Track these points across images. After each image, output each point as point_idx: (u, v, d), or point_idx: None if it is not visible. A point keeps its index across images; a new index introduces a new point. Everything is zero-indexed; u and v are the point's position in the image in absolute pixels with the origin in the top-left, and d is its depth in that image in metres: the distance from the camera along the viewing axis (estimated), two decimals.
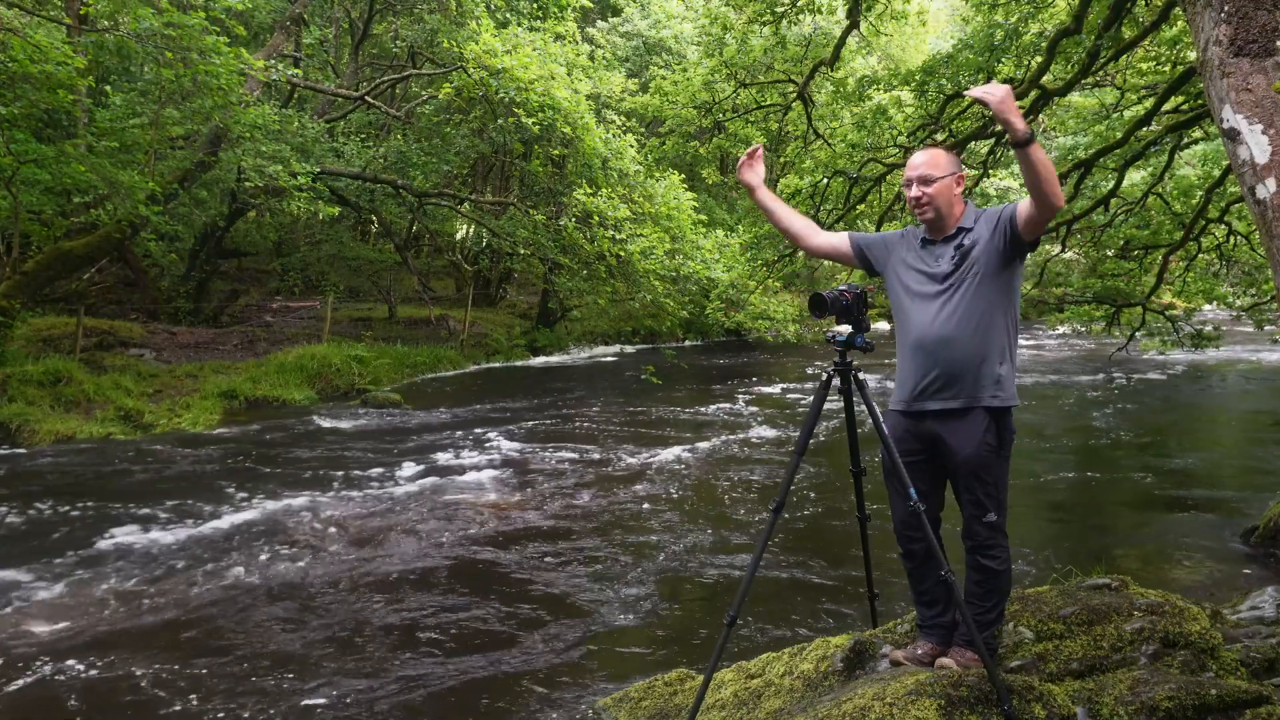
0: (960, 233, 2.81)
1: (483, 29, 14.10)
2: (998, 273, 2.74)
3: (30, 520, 6.73)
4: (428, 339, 18.50)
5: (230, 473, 8.40)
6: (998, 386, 2.74)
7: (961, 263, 2.77)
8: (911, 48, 27.31)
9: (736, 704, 3.03)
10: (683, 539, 6.58)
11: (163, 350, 14.59)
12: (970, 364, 2.73)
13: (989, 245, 2.74)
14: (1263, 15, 2.76)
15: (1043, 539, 6.71)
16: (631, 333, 23.48)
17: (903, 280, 2.91)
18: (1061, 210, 2.57)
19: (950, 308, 2.76)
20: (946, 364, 2.75)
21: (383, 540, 6.46)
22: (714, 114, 13.14)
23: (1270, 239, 2.76)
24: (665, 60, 23.02)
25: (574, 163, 14.98)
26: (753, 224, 12.56)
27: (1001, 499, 2.78)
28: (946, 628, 2.92)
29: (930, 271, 2.83)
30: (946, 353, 2.75)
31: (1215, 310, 17.71)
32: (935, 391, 2.78)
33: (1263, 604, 4.31)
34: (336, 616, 5.03)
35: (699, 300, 16.91)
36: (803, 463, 2.85)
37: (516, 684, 4.23)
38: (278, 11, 16.69)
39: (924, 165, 2.81)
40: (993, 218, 2.78)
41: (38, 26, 10.21)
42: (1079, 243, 13.51)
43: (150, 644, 4.65)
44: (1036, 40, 8.78)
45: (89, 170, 10.10)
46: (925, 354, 2.80)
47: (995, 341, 2.74)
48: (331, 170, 14.75)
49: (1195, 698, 2.54)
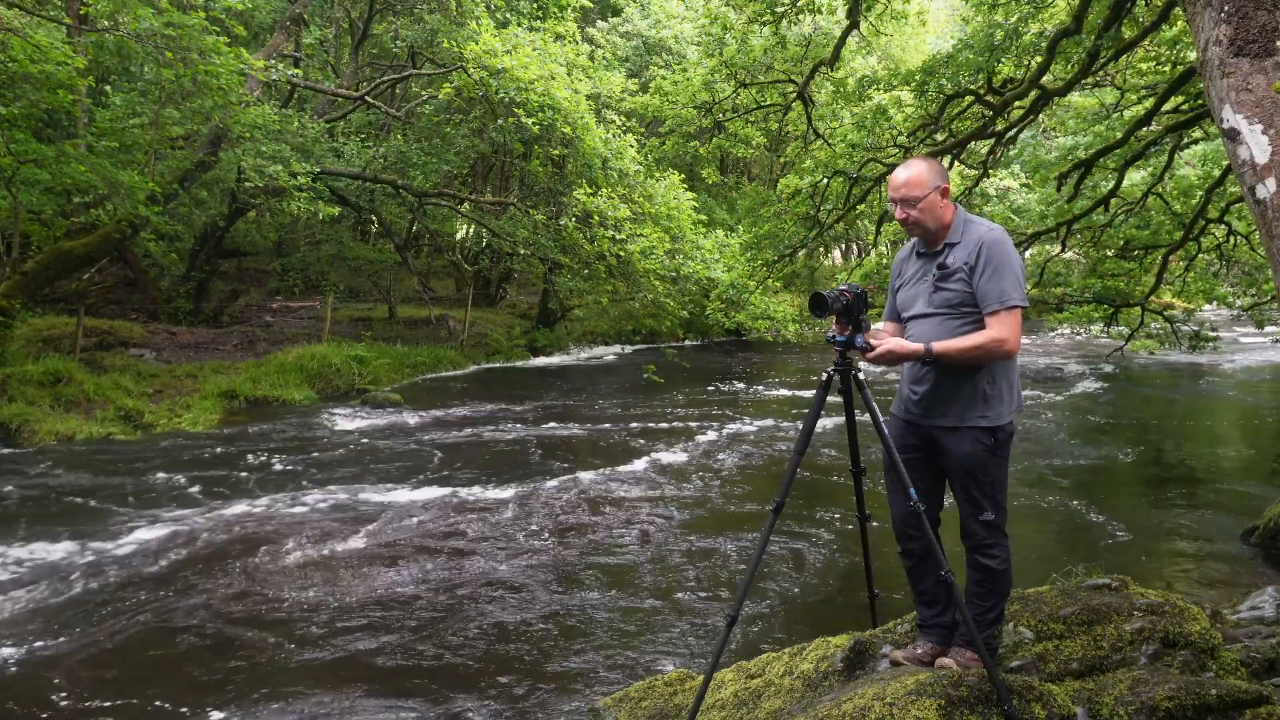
0: (946, 249, 2.81)
1: (483, 29, 14.11)
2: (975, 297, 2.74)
3: (30, 520, 6.73)
4: (428, 339, 18.49)
5: (230, 473, 8.40)
6: (986, 406, 2.74)
7: (944, 280, 2.78)
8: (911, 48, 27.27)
9: (736, 704, 3.03)
10: (683, 539, 6.58)
11: (163, 350, 14.58)
12: (959, 384, 2.75)
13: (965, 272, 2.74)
14: (1263, 15, 2.76)
15: (1043, 539, 6.71)
16: (632, 332, 23.46)
17: (903, 292, 2.96)
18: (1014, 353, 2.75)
19: (934, 323, 2.79)
20: (937, 380, 2.79)
21: (382, 540, 6.46)
22: (714, 114, 13.15)
23: (1270, 239, 2.76)
24: (665, 60, 23.01)
25: (574, 163, 14.98)
26: (753, 224, 12.56)
27: (998, 498, 2.78)
28: (946, 628, 2.92)
29: (920, 285, 2.86)
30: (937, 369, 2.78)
31: (1215, 310, 17.71)
32: (927, 407, 2.82)
33: (1263, 604, 4.31)
34: (336, 616, 5.03)
35: (699, 300, 16.92)
36: (803, 463, 2.85)
37: (516, 684, 4.23)
38: (278, 11, 16.70)
39: (905, 186, 2.79)
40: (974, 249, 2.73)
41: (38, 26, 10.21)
42: (1079, 243, 13.50)
43: (150, 643, 4.65)
44: (1036, 40, 8.78)
45: (89, 170, 10.10)
46: (914, 366, 2.85)
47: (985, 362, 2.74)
48: (331, 170, 14.75)
49: (1195, 698, 2.54)
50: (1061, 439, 10.90)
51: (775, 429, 11.27)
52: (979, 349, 2.65)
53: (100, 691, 4.12)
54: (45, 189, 10.92)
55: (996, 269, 2.68)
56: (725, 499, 7.81)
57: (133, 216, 11.11)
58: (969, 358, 2.67)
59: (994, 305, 2.67)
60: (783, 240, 11.46)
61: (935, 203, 2.79)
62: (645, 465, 9.08)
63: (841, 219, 10.85)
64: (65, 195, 11.16)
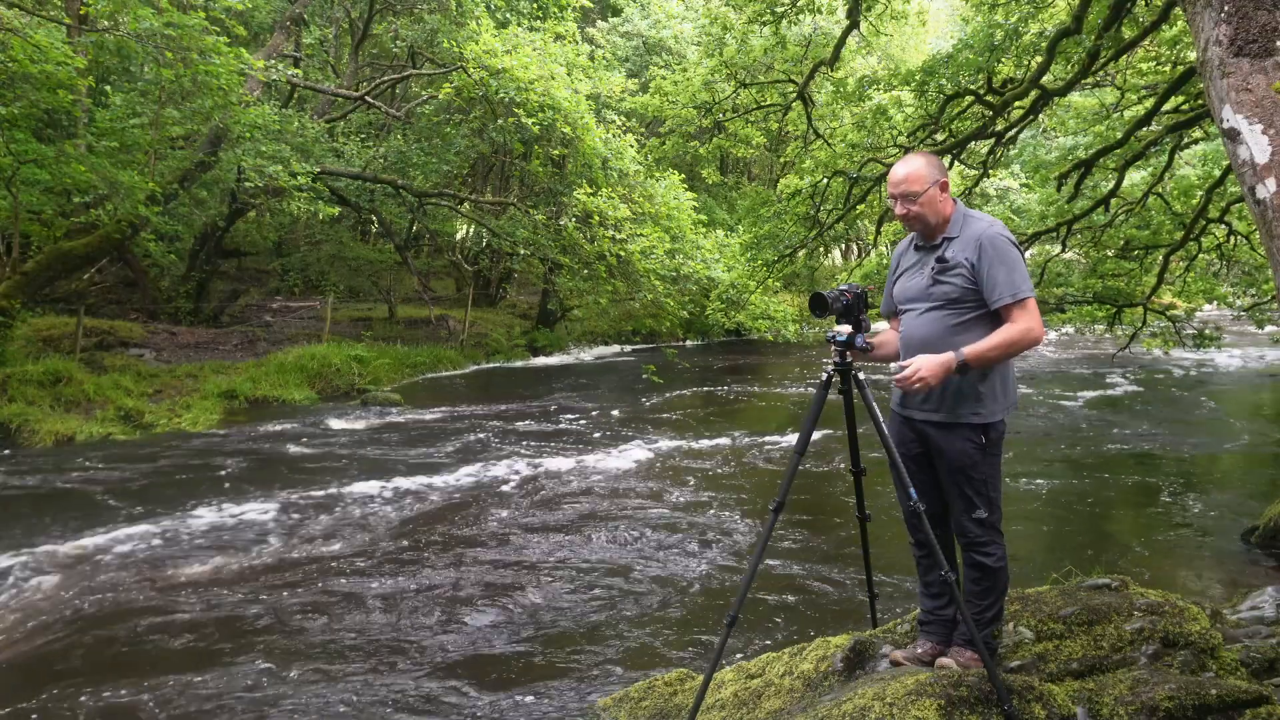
0: (944, 242, 2.81)
1: (483, 29, 14.10)
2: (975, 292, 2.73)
3: (30, 520, 6.72)
4: (428, 339, 18.49)
5: (230, 473, 8.40)
6: (978, 403, 2.74)
7: (941, 274, 2.77)
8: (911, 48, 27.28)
9: (736, 704, 3.03)
10: (683, 539, 6.58)
11: (163, 350, 14.59)
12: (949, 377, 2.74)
13: (966, 267, 2.73)
14: (1263, 15, 2.76)
15: (1043, 539, 6.71)
16: (632, 333, 23.46)
17: (900, 282, 2.96)
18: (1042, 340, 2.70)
19: (930, 317, 2.80)
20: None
21: (382, 540, 6.46)
22: (714, 114, 13.15)
23: (1270, 239, 2.76)
24: (665, 60, 23.00)
25: (574, 163, 14.97)
26: (753, 224, 12.56)
27: (991, 496, 2.78)
28: (949, 622, 2.92)
29: (918, 278, 2.87)
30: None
31: (1215, 310, 17.71)
32: (921, 400, 2.82)
33: (1263, 604, 4.31)
34: (336, 615, 5.02)
35: (699, 300, 16.90)
36: (803, 463, 2.85)
37: (517, 684, 4.23)
38: (278, 11, 16.68)
39: (905, 182, 2.80)
40: (973, 244, 2.73)
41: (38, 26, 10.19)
42: (1079, 243, 13.50)
43: (150, 645, 4.65)
44: (1036, 40, 8.78)
45: (89, 170, 10.10)
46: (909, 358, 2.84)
47: None
48: (331, 170, 14.75)
49: (1195, 698, 2.54)
50: (1061, 439, 10.90)
51: (775, 429, 11.27)
52: (1013, 343, 2.64)
53: (100, 691, 4.12)
54: (45, 189, 10.92)
55: (1004, 263, 2.68)
56: (725, 499, 7.81)
57: (133, 216, 11.10)
58: (1005, 354, 2.65)
59: (1008, 299, 2.66)
60: (783, 240, 11.46)
61: (935, 197, 2.79)
62: (645, 466, 9.08)
63: (841, 219, 10.85)
64: (65, 195, 11.16)
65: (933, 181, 2.78)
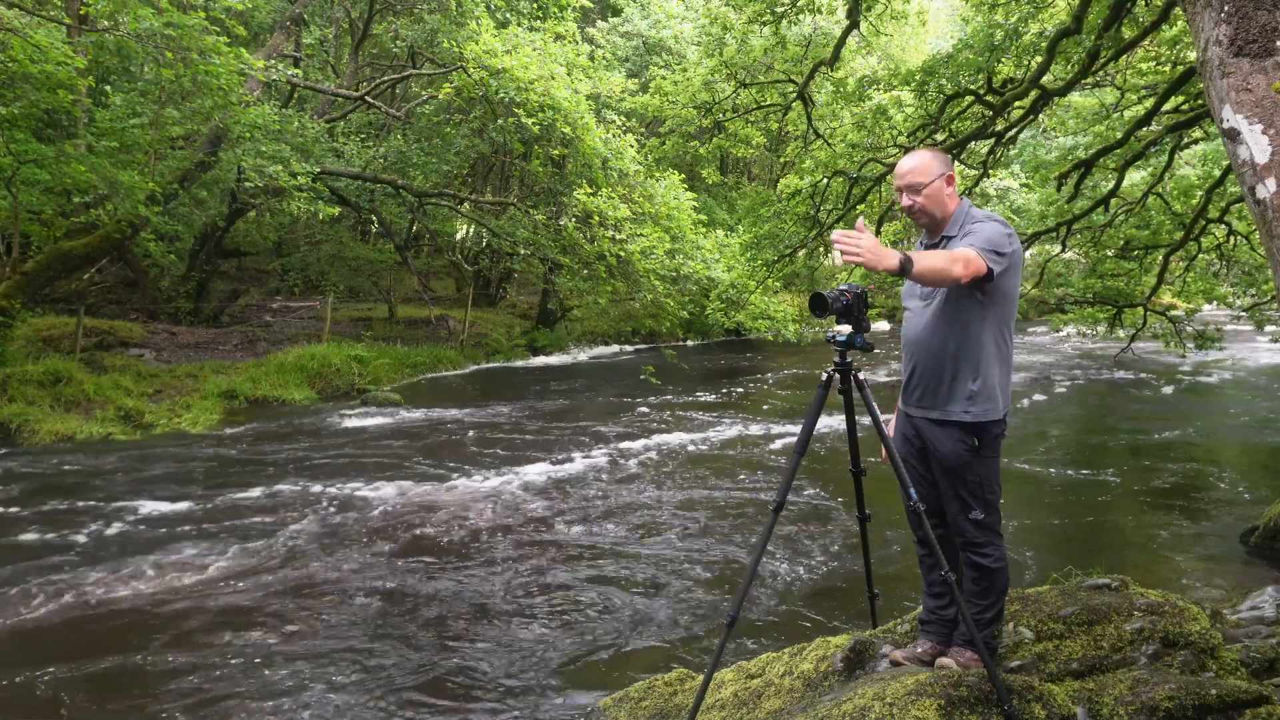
0: (944, 241, 2.80)
1: (483, 29, 14.10)
2: (971, 290, 2.70)
3: (29, 520, 6.72)
4: (428, 339, 18.49)
5: (230, 473, 8.40)
6: (970, 403, 2.74)
7: None
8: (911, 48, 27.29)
9: (736, 704, 3.03)
10: (682, 539, 6.58)
11: (163, 350, 14.58)
12: (942, 375, 2.77)
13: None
14: (1263, 15, 2.76)
15: (1043, 539, 6.71)
16: (631, 333, 23.45)
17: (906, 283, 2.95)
18: (960, 281, 2.53)
19: (928, 315, 2.82)
20: (922, 370, 2.82)
21: (382, 539, 6.46)
22: (714, 114, 13.14)
23: (1270, 239, 2.76)
24: (665, 60, 23.00)
25: (574, 163, 14.97)
26: (753, 224, 12.56)
27: (987, 497, 2.78)
28: (950, 622, 2.92)
29: None
30: (921, 358, 2.82)
31: (1215, 310, 17.70)
32: (917, 397, 2.85)
33: (1263, 604, 4.31)
34: (334, 615, 5.02)
35: (699, 300, 16.89)
36: (803, 463, 2.85)
37: (517, 683, 4.23)
38: (278, 11, 16.68)
39: (911, 173, 2.80)
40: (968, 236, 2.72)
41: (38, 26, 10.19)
42: (1079, 243, 13.50)
43: (149, 644, 4.65)
44: (1036, 40, 8.78)
45: (89, 170, 10.10)
46: (908, 355, 2.89)
47: (968, 356, 2.73)
48: (331, 170, 14.75)
49: (1195, 698, 2.54)
50: (1062, 439, 10.90)
51: (775, 429, 11.27)
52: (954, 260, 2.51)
53: (95, 690, 4.12)
54: (45, 189, 10.92)
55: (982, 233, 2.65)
56: (725, 499, 7.81)
57: (133, 216, 11.10)
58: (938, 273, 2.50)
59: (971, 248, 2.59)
60: (782, 240, 11.46)
61: (940, 190, 2.79)
62: (645, 466, 9.08)
63: (842, 219, 10.84)
64: (65, 195, 11.16)
65: (938, 174, 2.79)
